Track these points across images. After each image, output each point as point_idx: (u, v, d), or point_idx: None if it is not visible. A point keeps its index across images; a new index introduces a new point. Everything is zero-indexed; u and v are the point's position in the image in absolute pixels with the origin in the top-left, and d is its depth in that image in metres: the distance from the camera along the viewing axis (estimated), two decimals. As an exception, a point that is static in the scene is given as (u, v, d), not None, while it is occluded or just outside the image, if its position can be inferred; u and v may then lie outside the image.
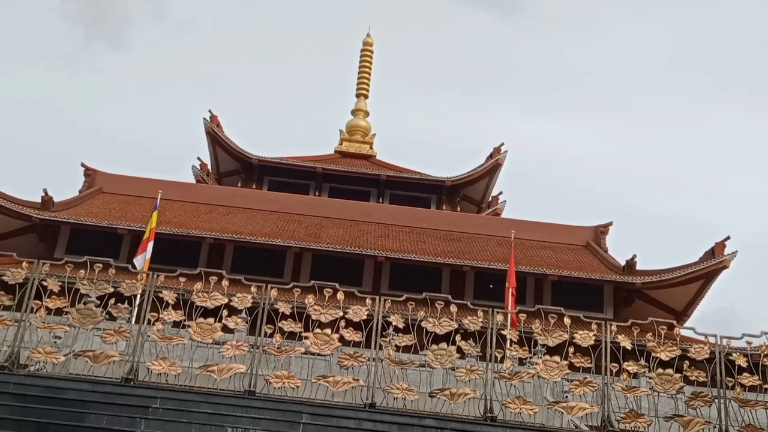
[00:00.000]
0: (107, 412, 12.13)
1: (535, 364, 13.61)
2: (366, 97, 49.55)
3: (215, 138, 43.20)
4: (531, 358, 13.81)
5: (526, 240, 35.52)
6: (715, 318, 54.26)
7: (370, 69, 50.41)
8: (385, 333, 13.96)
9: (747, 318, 67.72)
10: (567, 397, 14.68)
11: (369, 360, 13.42)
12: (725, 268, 33.23)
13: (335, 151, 46.82)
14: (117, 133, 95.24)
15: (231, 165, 44.24)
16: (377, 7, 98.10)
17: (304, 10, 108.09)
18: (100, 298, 13.84)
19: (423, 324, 13.84)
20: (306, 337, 13.55)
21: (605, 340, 13.70)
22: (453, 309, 14.05)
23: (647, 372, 13.70)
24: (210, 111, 43.25)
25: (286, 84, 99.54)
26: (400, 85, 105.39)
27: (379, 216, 38.68)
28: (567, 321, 13.87)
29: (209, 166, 44.79)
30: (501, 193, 45.08)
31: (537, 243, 36.71)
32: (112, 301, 13.71)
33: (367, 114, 49.04)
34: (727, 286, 54.37)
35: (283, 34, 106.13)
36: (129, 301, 14.28)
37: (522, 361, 14.47)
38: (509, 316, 20.14)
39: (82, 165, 38.65)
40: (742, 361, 13.76)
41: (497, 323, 13.81)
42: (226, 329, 13.79)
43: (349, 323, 13.69)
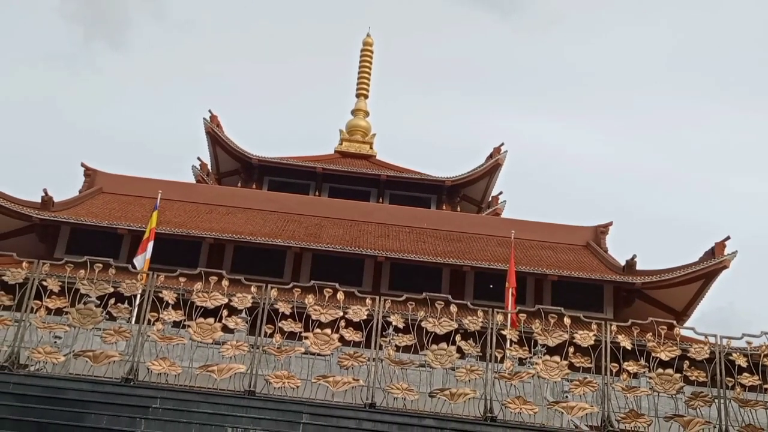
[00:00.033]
0: (107, 412, 12.12)
1: (535, 364, 13.60)
2: (366, 97, 49.54)
3: (215, 138, 43.19)
4: (531, 358, 13.80)
5: (526, 240, 35.52)
6: (715, 318, 54.30)
7: (370, 69, 50.40)
8: (385, 333, 13.95)
9: (747, 318, 67.77)
10: (567, 397, 14.67)
11: (369, 360, 13.41)
12: (725, 268, 33.23)
13: (335, 151, 46.81)
14: (117, 133, 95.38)
15: (231, 165, 44.24)
16: (377, 7, 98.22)
17: (304, 10, 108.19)
18: (100, 298, 13.83)
19: (423, 324, 13.83)
20: (306, 337, 13.55)
21: (605, 340, 13.69)
22: (453, 309, 14.04)
23: (647, 372, 13.69)
24: (210, 111, 43.32)
25: (286, 84, 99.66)
26: (400, 85, 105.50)
27: (379, 216, 38.67)
28: (567, 321, 13.86)
29: (209, 166, 44.78)
30: (501, 193, 45.15)
31: (537, 243, 36.69)
32: (112, 301, 13.70)
33: (367, 114, 49.03)
34: (727, 286, 54.41)
35: (283, 34, 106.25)
36: (129, 301, 14.27)
37: (522, 361, 14.46)
38: (509, 316, 20.13)
39: (82, 165, 38.68)
40: (742, 361, 13.75)
41: (497, 323, 13.80)
42: (226, 329, 13.78)
43: (349, 323, 13.68)
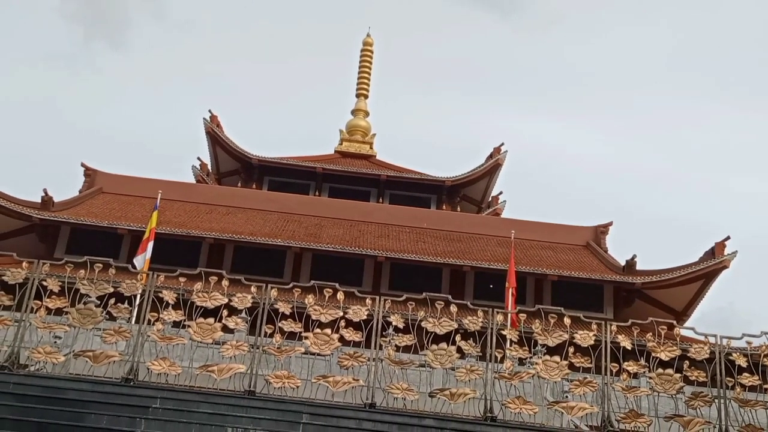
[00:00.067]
0: (107, 412, 12.12)
1: (535, 364, 13.60)
2: (366, 97, 49.54)
3: (215, 138, 43.19)
4: (531, 358, 13.80)
5: (526, 240, 35.51)
6: (715, 318, 54.31)
7: (370, 69, 50.39)
8: (385, 333, 13.95)
9: (747, 318, 67.77)
10: (567, 397, 14.67)
11: (369, 360, 13.41)
12: (725, 268, 33.23)
13: (335, 151, 46.80)
14: (117, 133, 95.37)
15: (231, 165, 44.24)
16: (377, 7, 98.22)
17: (304, 10, 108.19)
18: (100, 298, 13.83)
19: (423, 324, 13.83)
20: (306, 337, 13.54)
21: (605, 340, 13.69)
22: (453, 309, 14.03)
23: (647, 372, 13.69)
24: (210, 111, 43.32)
25: (286, 84, 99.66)
26: (400, 85, 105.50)
27: (379, 216, 38.67)
28: (567, 321, 13.86)
29: (209, 166, 44.78)
30: (501, 193, 45.15)
31: (537, 243, 36.69)
32: (112, 301, 13.70)
33: (367, 114, 49.02)
34: (727, 286, 54.42)
35: (283, 34, 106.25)
36: (129, 301, 14.27)
37: (522, 361, 14.46)
38: (509, 316, 20.13)
39: (82, 165, 38.68)
40: (742, 361, 13.75)
41: (497, 323, 13.80)
42: (226, 329, 13.78)
43: (349, 323, 13.67)
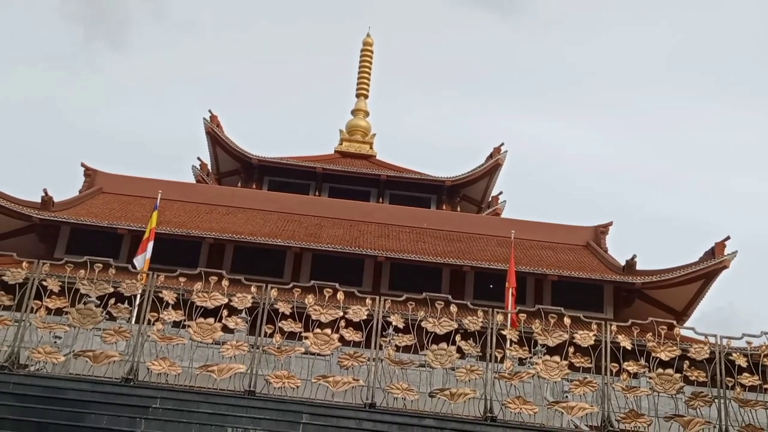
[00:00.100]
0: (107, 412, 12.12)
1: (535, 364, 13.60)
2: (366, 97, 49.53)
3: (215, 138, 43.19)
4: (531, 358, 13.80)
5: (526, 240, 35.51)
6: (715, 318, 54.31)
7: (370, 69, 50.39)
8: (385, 333, 13.94)
9: (747, 318, 67.77)
10: (567, 397, 14.67)
11: (369, 360, 13.41)
12: (725, 268, 33.23)
13: (335, 151, 46.80)
14: (117, 133, 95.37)
15: (231, 165, 44.24)
16: (377, 7, 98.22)
17: (304, 10, 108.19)
18: (100, 298, 13.83)
19: (423, 324, 13.83)
20: (306, 337, 13.54)
21: (605, 340, 13.69)
22: (453, 309, 14.03)
23: (647, 372, 13.68)
24: (210, 111, 43.32)
25: (286, 84, 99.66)
26: (400, 85, 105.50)
27: (379, 216, 38.67)
28: (567, 321, 13.86)
29: (209, 166, 44.78)
30: (501, 193, 45.15)
31: (537, 243, 36.69)
32: (112, 301, 13.70)
33: (367, 114, 49.02)
34: (727, 286, 54.43)
35: (283, 34, 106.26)
36: (129, 301, 14.27)
37: (522, 361, 14.45)
38: (509, 316, 20.13)
39: (82, 165, 38.68)
40: (742, 361, 13.75)
41: (497, 323, 13.80)
42: (226, 329, 13.77)
43: (349, 323, 13.67)
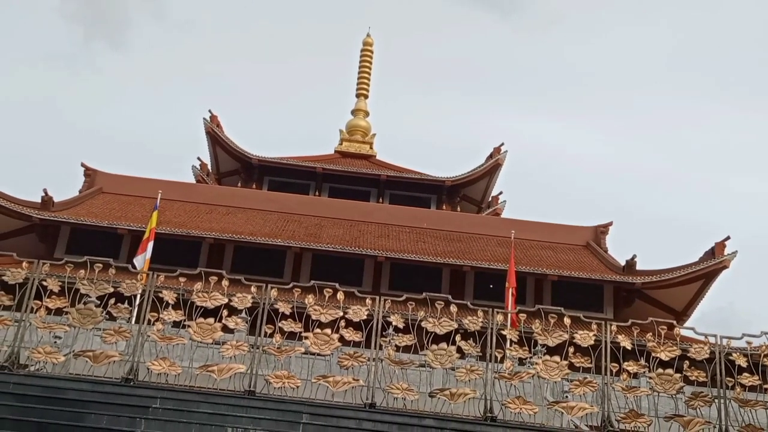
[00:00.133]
0: (107, 412, 12.12)
1: (535, 364, 13.60)
2: (366, 97, 49.53)
3: (215, 138, 43.19)
4: (531, 358, 13.79)
5: (526, 240, 35.51)
6: (715, 318, 54.30)
7: (370, 69, 50.39)
8: (385, 333, 13.94)
9: (747, 318, 67.77)
10: (567, 397, 14.67)
11: (369, 360, 13.41)
12: (725, 268, 33.23)
13: (335, 151, 46.80)
14: (117, 133, 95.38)
15: (231, 165, 44.24)
16: (377, 7, 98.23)
17: (304, 10, 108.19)
18: (100, 298, 13.83)
19: (423, 324, 13.83)
20: (306, 337, 13.54)
21: (605, 340, 13.69)
22: (453, 309, 14.03)
23: (647, 372, 13.68)
24: (210, 111, 43.32)
25: (286, 84, 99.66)
26: (400, 85, 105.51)
27: (379, 216, 38.66)
28: (567, 321, 13.86)
29: (209, 166, 44.78)
30: (501, 193, 45.15)
31: (537, 243, 36.69)
32: (112, 301, 13.70)
33: (367, 114, 49.02)
34: (727, 286, 54.43)
35: (283, 34, 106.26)
36: (129, 301, 14.27)
37: (522, 361, 14.45)
38: (509, 316, 20.13)
39: (82, 165, 38.68)
40: (742, 361, 13.75)
41: (497, 323, 13.80)
42: (226, 329, 13.77)
43: (349, 323, 13.67)
